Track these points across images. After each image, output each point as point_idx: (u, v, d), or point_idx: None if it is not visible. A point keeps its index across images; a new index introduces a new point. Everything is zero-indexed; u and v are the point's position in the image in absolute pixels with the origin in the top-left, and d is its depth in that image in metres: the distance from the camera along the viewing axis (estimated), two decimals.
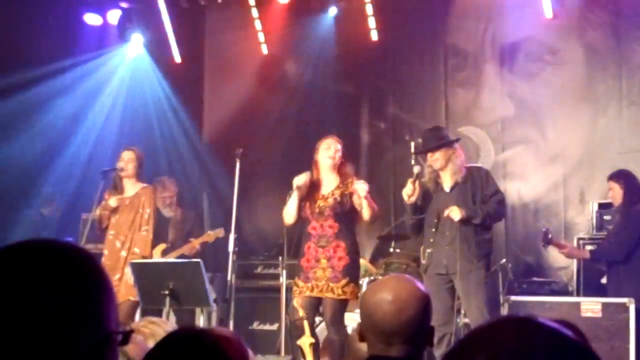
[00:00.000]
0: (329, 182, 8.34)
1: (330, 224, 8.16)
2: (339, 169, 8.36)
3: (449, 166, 8.30)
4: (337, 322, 7.91)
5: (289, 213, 8.27)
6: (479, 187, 8.29)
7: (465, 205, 8.14)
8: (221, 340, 2.17)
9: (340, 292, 7.99)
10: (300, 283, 8.13)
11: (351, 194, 8.21)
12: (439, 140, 8.39)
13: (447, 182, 8.33)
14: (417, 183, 8.36)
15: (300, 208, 8.24)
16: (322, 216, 8.19)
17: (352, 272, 8.14)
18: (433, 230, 8.25)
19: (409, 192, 8.35)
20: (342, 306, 8.10)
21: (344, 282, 8.02)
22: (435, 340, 6.91)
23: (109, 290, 1.79)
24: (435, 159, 8.34)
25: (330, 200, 8.20)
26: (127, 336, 1.81)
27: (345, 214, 8.19)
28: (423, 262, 8.39)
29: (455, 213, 8.07)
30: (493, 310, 8.36)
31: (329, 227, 8.16)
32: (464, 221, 8.10)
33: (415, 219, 8.50)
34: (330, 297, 7.98)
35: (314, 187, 8.31)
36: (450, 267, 8.10)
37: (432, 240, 8.27)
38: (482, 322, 6.51)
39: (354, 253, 8.20)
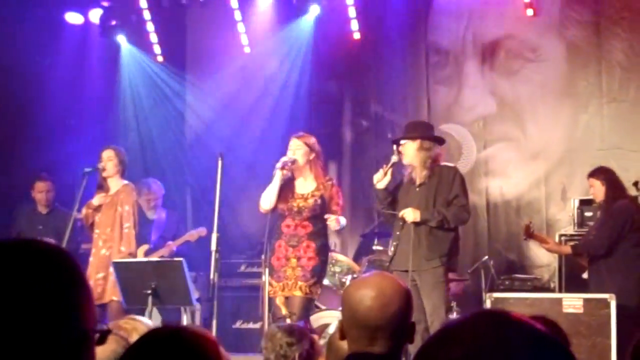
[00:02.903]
0: (307, 182, 8.36)
1: (305, 224, 8.21)
2: (312, 168, 8.37)
3: (418, 162, 8.24)
4: (303, 319, 7.96)
5: (268, 197, 8.29)
6: (445, 188, 8.20)
7: (425, 206, 8.10)
8: (200, 338, 2.19)
9: (307, 290, 8.08)
10: (274, 283, 8.19)
11: (331, 198, 8.26)
12: (413, 132, 8.39)
13: (417, 179, 8.27)
14: (389, 171, 8.34)
15: (279, 199, 8.25)
16: (299, 215, 8.23)
17: (319, 273, 8.26)
18: (400, 224, 8.22)
19: (379, 177, 8.34)
20: (309, 304, 8.25)
21: (312, 281, 8.12)
22: None
23: (86, 289, 1.79)
24: (403, 150, 8.32)
25: (311, 202, 8.24)
26: (104, 335, 1.83)
27: (321, 215, 8.24)
28: (389, 254, 8.42)
29: (408, 215, 8.06)
30: (472, 308, 8.36)
31: (302, 227, 8.21)
32: (418, 223, 8.09)
33: (386, 212, 8.49)
34: (298, 295, 8.04)
35: (289, 183, 8.34)
36: (410, 264, 8.07)
37: (398, 233, 8.25)
38: (436, 322, 6.51)
39: (323, 254, 8.30)
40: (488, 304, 8.91)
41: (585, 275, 9.46)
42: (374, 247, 10.40)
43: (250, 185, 10.57)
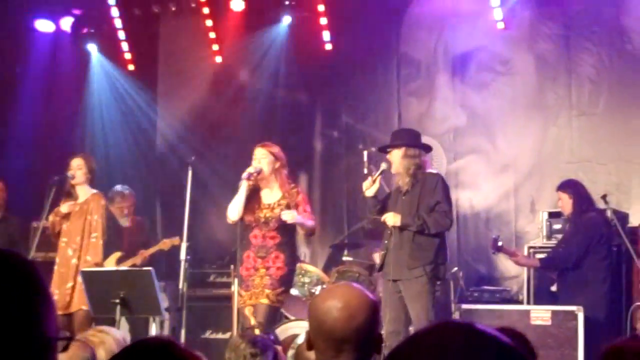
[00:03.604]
0: (273, 192, 8.36)
1: (273, 235, 8.21)
2: (277, 177, 8.36)
3: (402, 170, 8.28)
4: (268, 328, 7.96)
5: (235, 207, 8.27)
6: (428, 195, 8.21)
7: (408, 213, 8.12)
8: (187, 354, 2.18)
9: (274, 299, 8.08)
10: (243, 292, 8.18)
11: (297, 206, 8.26)
12: (398, 140, 8.42)
13: (402, 187, 8.31)
14: (378, 179, 8.36)
15: (245, 210, 8.24)
16: (266, 226, 8.23)
17: (287, 282, 8.29)
18: (389, 232, 8.25)
19: (367, 185, 8.36)
20: (275, 313, 8.30)
21: (279, 290, 8.13)
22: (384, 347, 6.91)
23: (47, 298, 1.79)
24: (390, 158, 8.37)
25: (277, 211, 8.23)
26: (67, 343, 1.82)
27: (289, 225, 8.22)
28: (377, 264, 8.44)
29: (389, 220, 8.12)
30: (441, 319, 8.28)
31: (271, 238, 8.20)
32: (401, 228, 8.11)
33: (376, 220, 8.53)
34: (265, 302, 8.04)
35: (255, 193, 8.33)
36: (394, 273, 8.10)
37: (386, 242, 8.28)
38: None
39: (292, 264, 8.34)
40: (457, 315, 8.95)
41: (553, 288, 9.50)
42: (344, 258, 10.41)
43: (221, 194, 10.55)
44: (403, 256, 8.07)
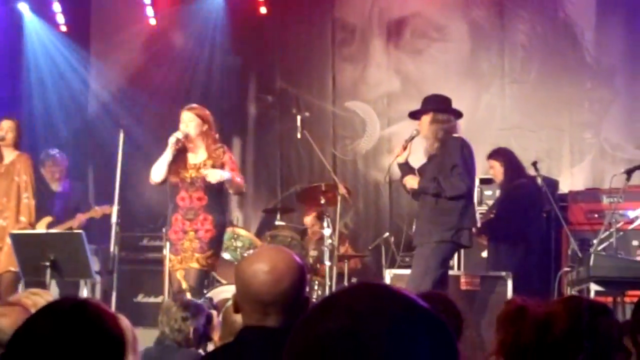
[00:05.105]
0: (199, 153, 8.32)
1: (200, 195, 8.15)
2: (204, 140, 8.32)
3: (430, 135, 8.17)
4: (199, 292, 7.96)
5: (158, 169, 8.22)
6: (448, 158, 8.05)
7: (430, 177, 8.03)
8: (103, 312, 2.17)
9: (204, 262, 8.06)
10: (172, 256, 8.15)
11: (223, 165, 8.22)
12: (426, 105, 8.36)
13: (430, 152, 8.23)
14: (409, 145, 8.33)
15: (170, 172, 8.20)
16: (192, 187, 8.17)
17: (217, 245, 8.23)
18: (415, 197, 8.27)
19: (398, 152, 8.37)
20: (205, 276, 8.31)
21: (209, 253, 8.10)
22: None
23: None
24: (419, 124, 8.32)
25: (203, 171, 8.19)
26: None
27: (216, 186, 8.19)
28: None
29: (408, 182, 8.13)
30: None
31: (198, 199, 8.15)
32: (418, 193, 8.09)
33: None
34: (195, 267, 8.03)
35: (181, 155, 8.29)
36: (417, 238, 8.11)
37: (418, 209, 8.27)
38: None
39: (220, 226, 8.27)
40: (388, 280, 9.00)
41: (484, 254, 9.60)
42: (277, 223, 10.41)
43: (155, 158, 10.47)
44: (425, 222, 8.04)
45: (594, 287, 7.65)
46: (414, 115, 8.52)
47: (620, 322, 3.68)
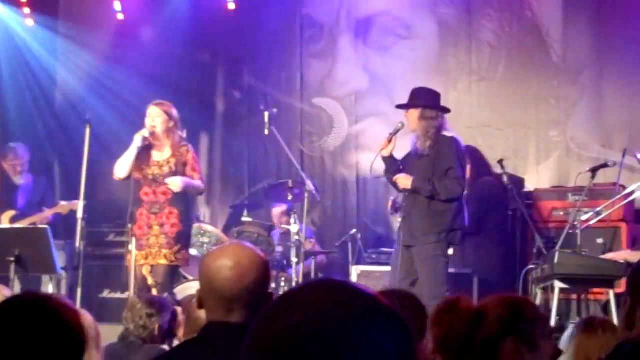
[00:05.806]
0: (164, 150, 8.31)
1: (164, 190, 8.16)
2: (169, 137, 8.31)
3: (420, 132, 8.12)
4: (168, 288, 7.95)
5: (123, 166, 8.23)
6: (442, 159, 8.03)
7: (422, 176, 7.97)
8: (63, 308, 2.16)
9: (172, 257, 8.06)
10: (137, 252, 8.13)
11: (185, 164, 8.23)
12: (416, 100, 8.28)
13: (420, 149, 8.15)
14: (394, 138, 8.24)
15: (133, 167, 8.18)
16: (155, 183, 8.18)
17: (184, 239, 8.24)
18: (406, 195, 8.14)
19: (382, 146, 8.26)
20: (174, 272, 8.29)
21: (176, 248, 8.10)
22: None
23: None
24: (407, 118, 8.25)
25: (166, 169, 8.20)
26: None
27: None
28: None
29: (401, 182, 8.03)
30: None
31: (162, 193, 8.16)
32: (412, 192, 7.99)
33: (391, 181, 8.33)
34: (163, 263, 8.01)
35: (146, 151, 8.28)
36: (408, 239, 8.00)
37: (404, 205, 8.15)
38: (425, 297, 6.15)
39: (187, 220, 8.29)
40: (354, 277, 9.02)
41: (450, 252, 9.64)
42: (243, 219, 10.43)
43: (121, 153, 10.45)
44: (418, 222, 7.95)
45: (558, 285, 7.71)
46: (403, 107, 8.45)
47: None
